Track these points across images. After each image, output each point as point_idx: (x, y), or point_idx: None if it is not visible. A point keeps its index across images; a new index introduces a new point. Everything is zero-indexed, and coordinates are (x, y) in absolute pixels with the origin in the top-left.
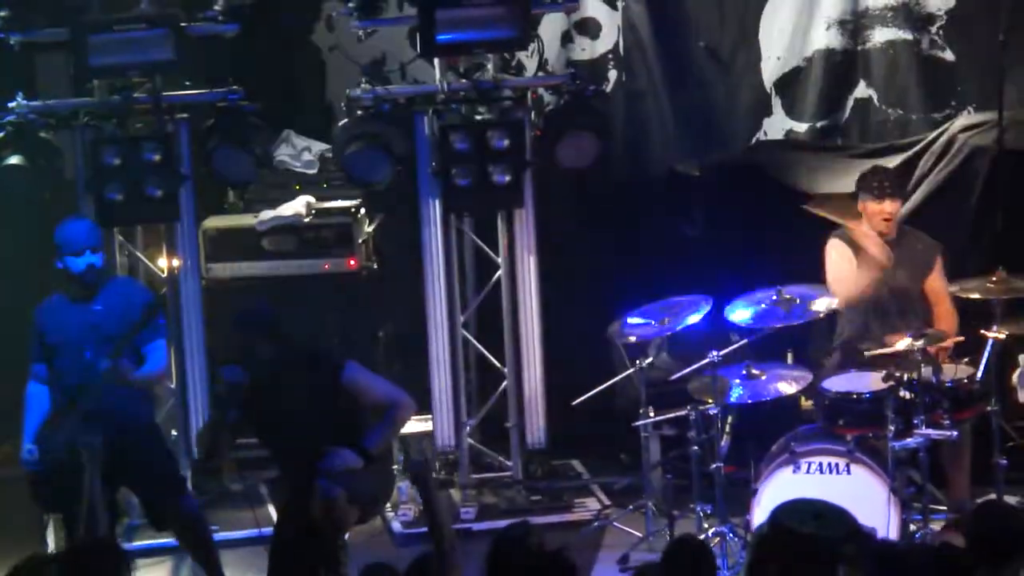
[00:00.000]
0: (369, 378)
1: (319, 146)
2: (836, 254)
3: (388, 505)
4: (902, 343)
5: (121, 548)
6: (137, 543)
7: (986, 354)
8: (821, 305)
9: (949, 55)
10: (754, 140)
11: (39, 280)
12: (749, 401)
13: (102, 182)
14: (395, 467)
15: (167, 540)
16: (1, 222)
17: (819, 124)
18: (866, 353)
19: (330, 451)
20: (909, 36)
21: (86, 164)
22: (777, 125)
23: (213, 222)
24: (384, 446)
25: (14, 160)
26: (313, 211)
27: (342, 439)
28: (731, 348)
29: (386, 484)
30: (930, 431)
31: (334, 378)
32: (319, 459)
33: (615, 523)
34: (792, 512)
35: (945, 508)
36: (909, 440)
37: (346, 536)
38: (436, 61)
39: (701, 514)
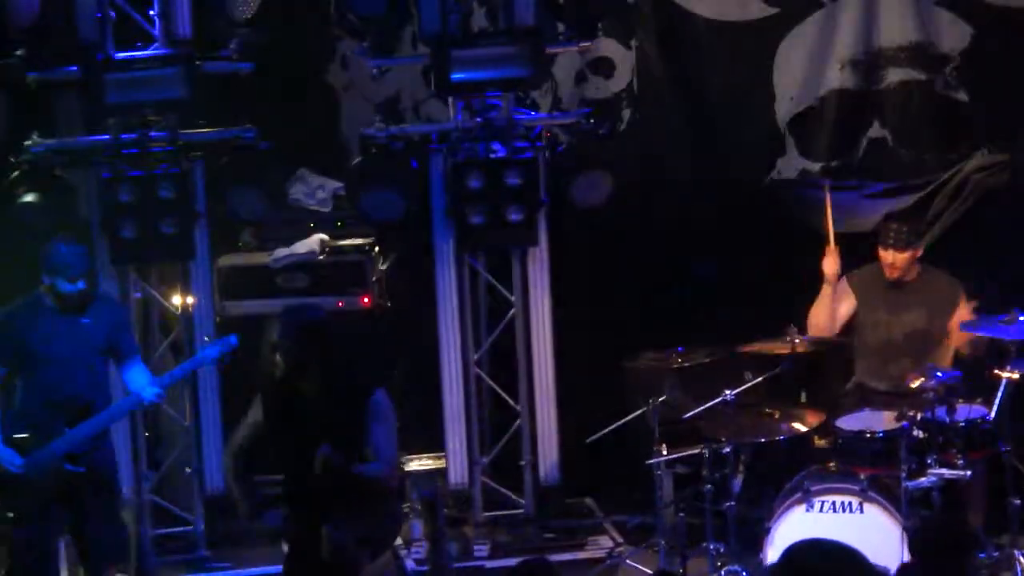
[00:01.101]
0: (381, 419)
1: (333, 184)
2: (840, 291)
3: (401, 541)
4: (916, 382)
5: None
6: None
7: (1000, 394)
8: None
9: (963, 95)
10: (768, 180)
11: None
12: (762, 440)
13: (117, 220)
14: (406, 506)
15: None
16: (16, 260)
17: (833, 164)
18: (880, 391)
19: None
20: (923, 76)
21: (101, 202)
22: (791, 164)
23: (227, 260)
24: (365, 485)
25: (29, 198)
26: (327, 249)
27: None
28: (745, 386)
29: (396, 524)
30: (943, 470)
31: (363, 404)
32: (328, 496)
33: (628, 561)
34: (805, 552)
35: None
36: (923, 479)
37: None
38: (450, 100)
39: (714, 552)
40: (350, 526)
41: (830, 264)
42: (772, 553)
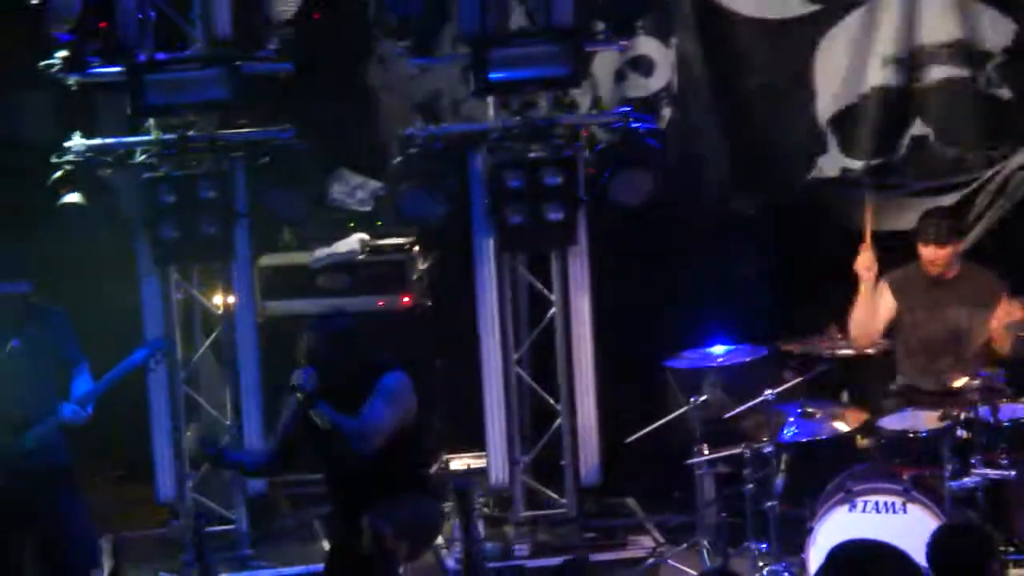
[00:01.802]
0: (385, 394)
1: (373, 184)
2: (877, 295)
3: (441, 541)
4: (960, 382)
5: None
6: None
7: None
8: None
9: (1006, 92)
10: (809, 178)
11: (99, 318)
12: (804, 439)
13: (158, 220)
14: (446, 505)
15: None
16: (58, 260)
17: (874, 162)
18: (923, 390)
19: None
20: (965, 73)
21: (142, 202)
22: (832, 163)
23: (268, 260)
24: (330, 424)
25: (72, 198)
26: (367, 248)
27: (392, 462)
28: (786, 386)
29: (433, 524)
30: (988, 471)
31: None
32: (367, 491)
33: (669, 561)
34: (850, 552)
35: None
36: (967, 479)
37: (400, 571)
38: (489, 99)
39: (755, 552)
40: (389, 515)
41: (863, 262)
42: (814, 553)
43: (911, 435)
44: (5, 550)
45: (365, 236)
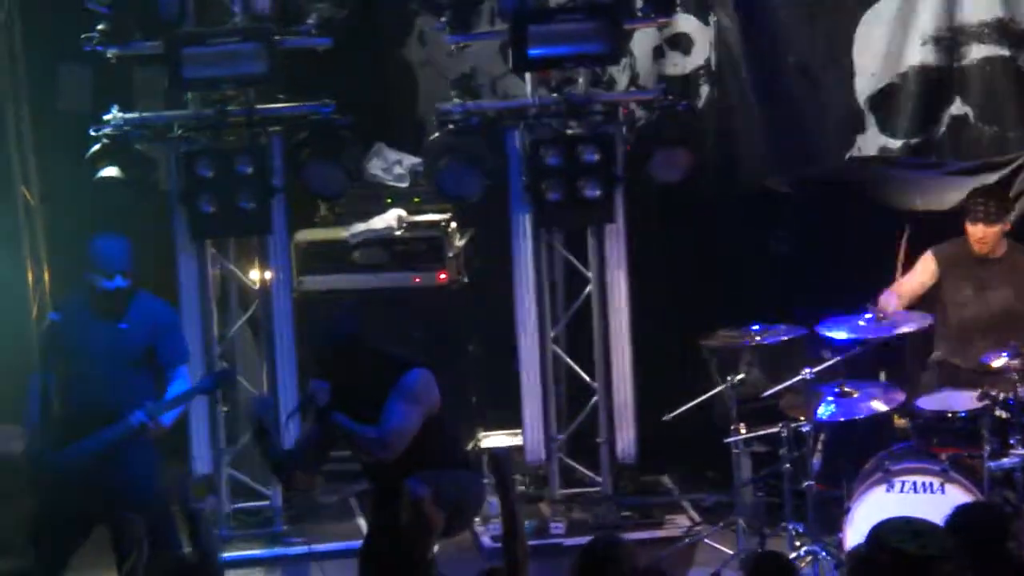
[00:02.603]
0: (400, 395)
1: (411, 160)
2: (919, 267)
3: (478, 519)
4: (999, 361)
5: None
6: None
7: None
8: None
9: None
10: (847, 156)
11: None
12: (842, 419)
13: (195, 194)
14: (486, 481)
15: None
16: (97, 233)
17: (913, 141)
18: (963, 369)
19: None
20: (1006, 52)
21: (180, 176)
22: (871, 141)
23: (305, 235)
24: (345, 437)
25: (110, 172)
26: (404, 224)
27: (421, 451)
28: (824, 365)
29: (473, 496)
30: None
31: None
32: (402, 472)
33: (706, 540)
34: (893, 530)
35: None
36: (1005, 460)
37: (435, 549)
38: (527, 75)
39: (792, 532)
40: (429, 481)
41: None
42: (851, 533)
43: (949, 415)
44: (71, 540)
45: (402, 212)
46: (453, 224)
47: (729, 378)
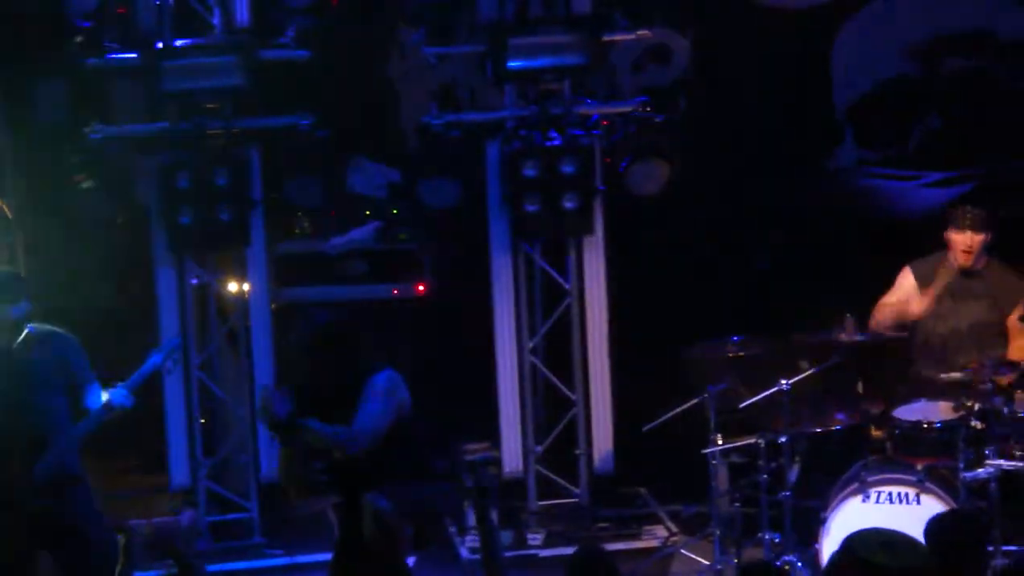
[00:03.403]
0: (375, 394)
1: (390, 172)
2: (897, 282)
3: (456, 530)
4: (975, 374)
5: None
6: None
7: None
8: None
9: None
10: (826, 167)
11: (114, 304)
12: (818, 430)
13: (174, 207)
14: (458, 487)
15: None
16: (76, 245)
17: (890, 153)
18: (940, 378)
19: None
20: (982, 65)
21: (158, 189)
22: (848, 153)
23: (284, 247)
24: (316, 442)
25: (88, 184)
26: (383, 236)
27: (392, 462)
28: (801, 376)
29: (439, 503)
30: (1001, 462)
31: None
32: (370, 484)
33: (683, 551)
34: (863, 542)
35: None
36: (980, 470)
37: (410, 561)
38: (506, 87)
39: (769, 542)
40: (389, 495)
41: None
42: (828, 543)
43: (925, 426)
44: (23, 568)
45: (381, 224)
46: (432, 236)
47: (707, 389)
